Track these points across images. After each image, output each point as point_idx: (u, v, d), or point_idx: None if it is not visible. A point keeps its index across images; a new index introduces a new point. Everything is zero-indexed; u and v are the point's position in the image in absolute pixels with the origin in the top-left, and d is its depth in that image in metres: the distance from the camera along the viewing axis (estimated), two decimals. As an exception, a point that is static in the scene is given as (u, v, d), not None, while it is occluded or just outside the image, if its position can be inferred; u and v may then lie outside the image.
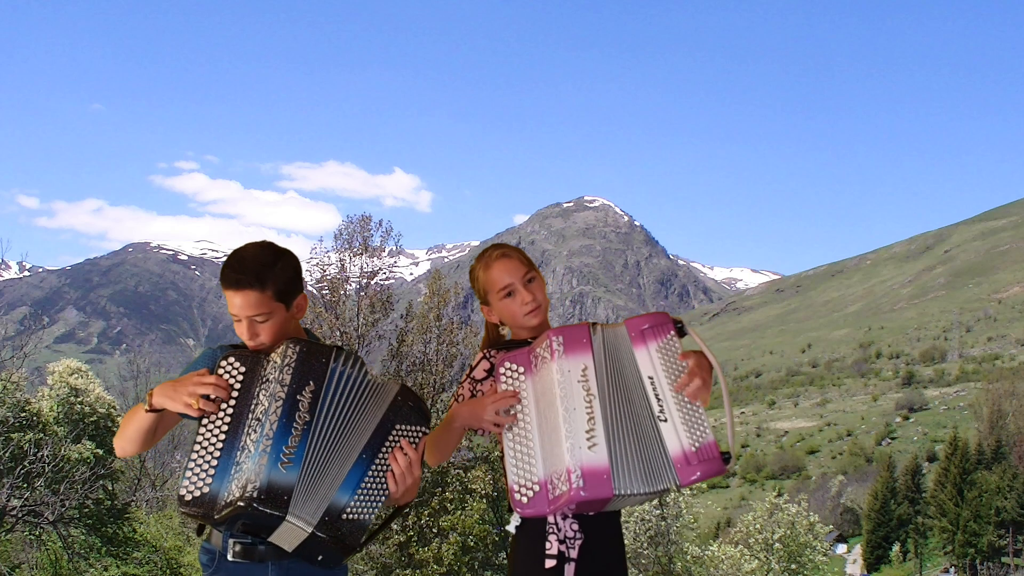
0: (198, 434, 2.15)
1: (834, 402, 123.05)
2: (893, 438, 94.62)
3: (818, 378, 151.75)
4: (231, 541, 2.20)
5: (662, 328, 2.36)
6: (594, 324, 2.36)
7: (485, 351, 2.56)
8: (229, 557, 2.20)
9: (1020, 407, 67.18)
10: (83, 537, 17.38)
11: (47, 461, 14.87)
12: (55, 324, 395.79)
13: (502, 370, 2.38)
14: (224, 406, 2.16)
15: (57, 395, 18.97)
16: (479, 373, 2.52)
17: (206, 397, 2.15)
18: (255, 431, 2.12)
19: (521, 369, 2.37)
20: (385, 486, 2.25)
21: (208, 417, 2.16)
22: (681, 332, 2.38)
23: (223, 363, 2.21)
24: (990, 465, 59.89)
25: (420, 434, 2.31)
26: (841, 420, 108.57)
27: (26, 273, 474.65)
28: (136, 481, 21.04)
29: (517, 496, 2.28)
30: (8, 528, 15.33)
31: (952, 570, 56.55)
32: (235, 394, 2.17)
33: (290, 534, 2.12)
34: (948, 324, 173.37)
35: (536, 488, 2.27)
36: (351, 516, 2.18)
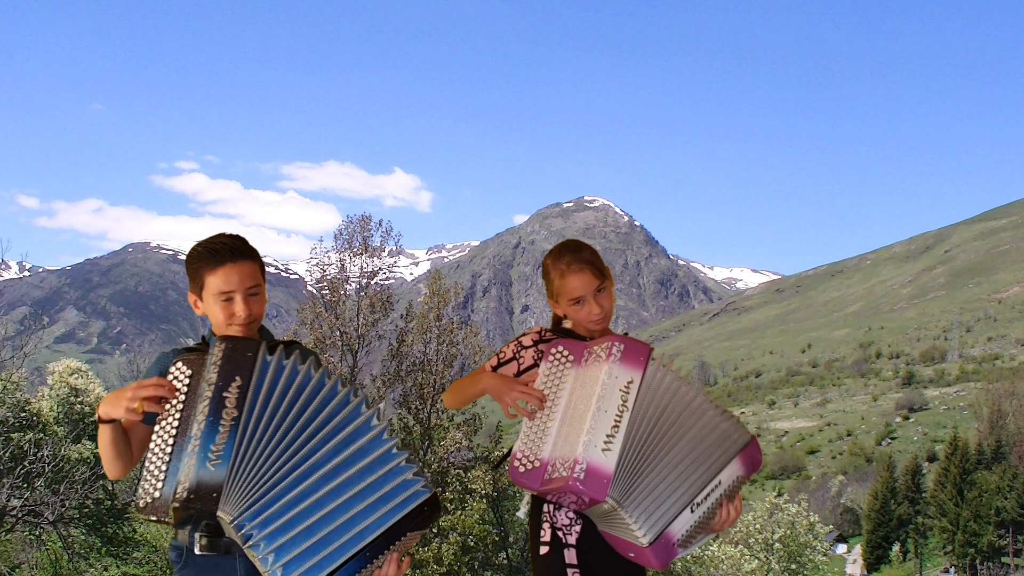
0: (151, 440, 2.16)
1: (834, 402, 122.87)
2: (893, 438, 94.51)
3: (818, 378, 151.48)
4: (197, 535, 2.24)
5: (755, 462, 2.56)
6: (653, 357, 2.45)
7: (541, 328, 2.68)
8: (196, 551, 2.23)
9: (1020, 407, 67.13)
10: (83, 537, 17.38)
11: (47, 461, 14.86)
12: (55, 324, 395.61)
13: (553, 350, 2.49)
14: (172, 411, 2.17)
15: (57, 395, 18.97)
16: (527, 340, 2.64)
17: (164, 401, 2.17)
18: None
19: (572, 357, 2.48)
20: None
21: (159, 423, 2.17)
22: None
23: (172, 369, 2.22)
24: (990, 465, 59.84)
25: (417, 538, 2.26)
26: (841, 420, 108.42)
27: (26, 273, 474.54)
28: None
29: (516, 463, 2.39)
30: (8, 528, 15.32)
31: (952, 570, 56.52)
32: (183, 398, 2.18)
33: (228, 528, 2.13)
34: (948, 324, 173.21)
35: (536, 464, 2.37)
36: None
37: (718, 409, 2.48)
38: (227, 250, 2.36)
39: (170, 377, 2.21)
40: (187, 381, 2.20)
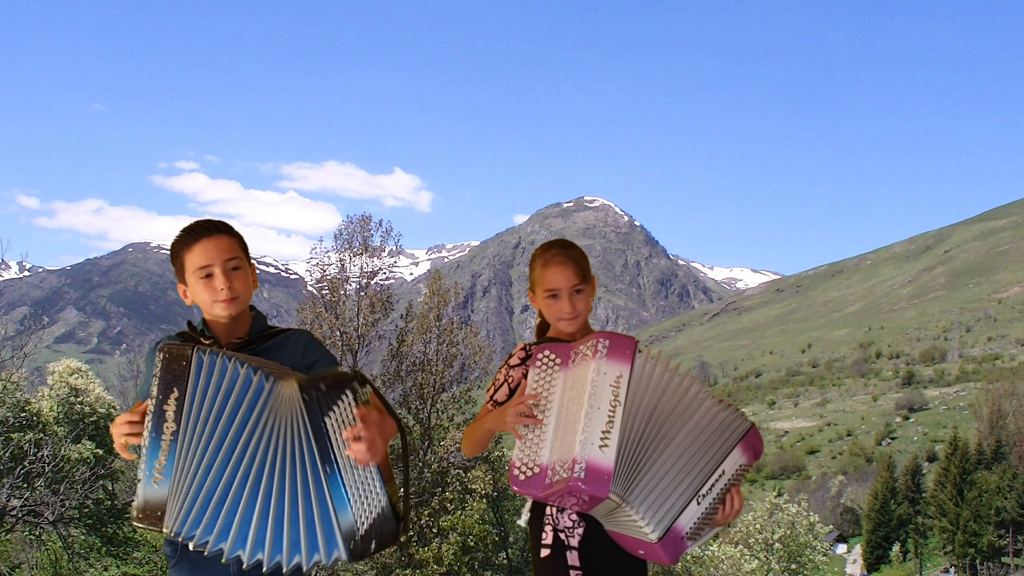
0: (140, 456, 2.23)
1: (834, 402, 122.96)
2: (893, 438, 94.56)
3: (818, 378, 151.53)
4: None
5: (757, 450, 2.53)
6: (640, 347, 2.44)
7: (525, 343, 2.68)
8: (191, 547, 2.24)
9: (1020, 407, 67.14)
10: (83, 537, 17.38)
11: (47, 461, 14.86)
12: (55, 324, 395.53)
13: (540, 356, 2.48)
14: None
15: (57, 395, 18.97)
16: (514, 361, 2.64)
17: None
18: None
19: (559, 360, 2.46)
20: (370, 473, 2.14)
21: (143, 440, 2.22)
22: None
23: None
24: (990, 465, 59.84)
25: (355, 387, 2.11)
26: (841, 420, 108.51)
27: (26, 273, 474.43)
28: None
29: (516, 472, 2.36)
30: (8, 528, 15.31)
31: (952, 570, 56.53)
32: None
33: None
34: (948, 324, 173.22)
35: (536, 470, 2.34)
36: (366, 523, 2.13)
37: (715, 399, 2.46)
38: (201, 227, 2.41)
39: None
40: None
